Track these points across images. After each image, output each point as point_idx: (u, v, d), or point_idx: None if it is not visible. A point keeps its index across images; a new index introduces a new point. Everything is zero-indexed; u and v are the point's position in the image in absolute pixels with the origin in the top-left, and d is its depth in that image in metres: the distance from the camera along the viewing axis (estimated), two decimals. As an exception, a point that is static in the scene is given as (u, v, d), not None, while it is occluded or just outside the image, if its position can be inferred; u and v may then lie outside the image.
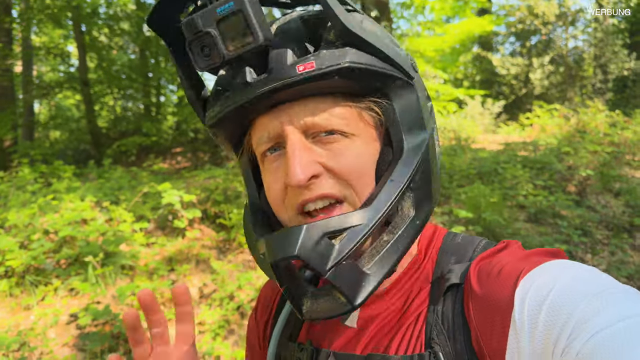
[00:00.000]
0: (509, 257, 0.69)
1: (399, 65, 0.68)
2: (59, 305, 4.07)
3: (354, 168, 0.68)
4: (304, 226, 0.64)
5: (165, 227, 5.38)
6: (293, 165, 0.67)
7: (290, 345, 0.85)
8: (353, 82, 0.67)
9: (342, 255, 0.64)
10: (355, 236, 0.64)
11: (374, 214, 0.65)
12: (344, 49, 0.65)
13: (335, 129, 0.68)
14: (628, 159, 8.67)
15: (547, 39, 18.01)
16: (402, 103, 0.70)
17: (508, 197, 6.75)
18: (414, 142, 0.69)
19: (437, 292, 0.73)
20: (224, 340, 3.86)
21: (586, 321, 0.54)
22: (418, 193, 0.69)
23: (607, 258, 5.38)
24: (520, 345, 0.59)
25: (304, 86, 0.65)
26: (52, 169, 7.98)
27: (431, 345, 0.68)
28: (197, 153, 11.52)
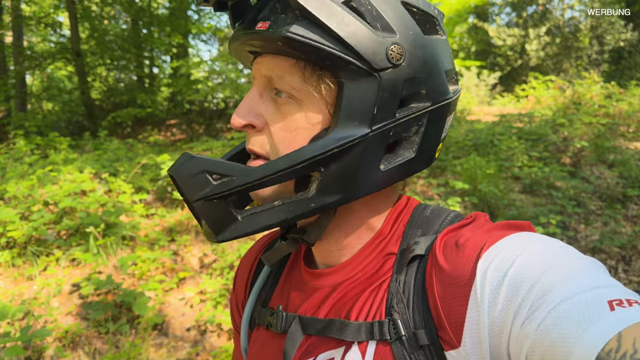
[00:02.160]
0: (474, 230, 0.70)
1: (356, 50, 0.64)
2: (61, 275, 4.12)
3: (286, 134, 0.71)
4: (193, 156, 0.70)
5: (164, 199, 5.41)
6: (238, 107, 0.74)
7: (262, 310, 0.89)
8: (302, 54, 0.67)
9: (212, 194, 0.68)
10: (230, 184, 0.67)
11: (253, 175, 0.67)
12: (296, 19, 0.65)
13: (285, 90, 0.70)
14: (622, 131, 8.73)
15: (544, 9, 17.86)
16: (352, 90, 0.66)
17: (503, 169, 6.80)
18: (342, 133, 0.66)
19: (401, 262, 0.74)
20: (225, 308, 3.93)
21: (546, 293, 0.55)
22: (327, 180, 0.68)
23: (600, 228, 5.47)
24: (480, 316, 0.60)
25: (265, 43, 0.69)
26: (47, 141, 7.94)
27: (391, 313, 0.70)
28: (192, 125, 11.46)
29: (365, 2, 0.67)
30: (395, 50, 0.66)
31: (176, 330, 3.76)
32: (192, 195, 0.69)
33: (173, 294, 4.10)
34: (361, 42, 0.65)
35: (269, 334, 0.86)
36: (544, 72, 15.96)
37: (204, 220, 0.71)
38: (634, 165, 6.88)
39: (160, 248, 4.55)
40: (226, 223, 0.70)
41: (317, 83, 0.69)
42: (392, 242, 0.78)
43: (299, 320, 0.80)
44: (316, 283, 0.83)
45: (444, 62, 0.74)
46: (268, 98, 0.74)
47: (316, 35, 0.64)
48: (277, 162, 0.67)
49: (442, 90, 0.73)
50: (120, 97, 12.06)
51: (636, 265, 4.79)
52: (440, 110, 0.73)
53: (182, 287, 4.17)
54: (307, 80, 0.69)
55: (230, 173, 0.68)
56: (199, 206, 0.69)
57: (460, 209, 5.36)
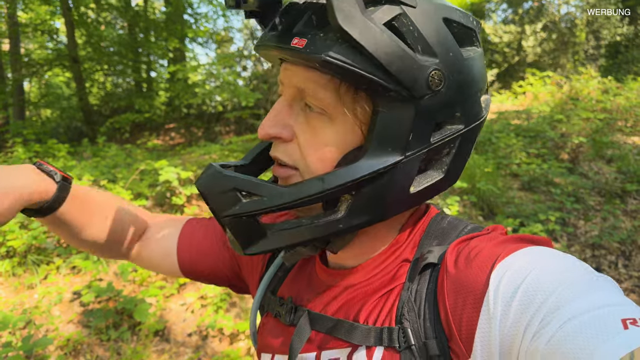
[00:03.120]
0: (488, 242, 0.69)
1: (396, 77, 0.62)
2: (62, 283, 4.12)
3: (316, 148, 0.70)
4: (223, 173, 0.69)
5: (163, 204, 5.41)
6: (266, 117, 0.72)
7: (272, 298, 0.89)
8: (338, 76, 0.65)
9: (241, 212, 0.67)
10: (260, 205, 0.67)
11: (285, 197, 0.66)
12: (335, 40, 0.62)
13: (318, 105, 0.68)
14: (620, 126, 8.73)
15: (540, 5, 17.86)
16: (388, 115, 0.64)
17: (502, 166, 6.80)
18: (376, 159, 0.65)
19: (413, 270, 0.74)
20: (226, 313, 3.94)
21: (559, 308, 0.54)
22: (358, 202, 0.67)
23: (600, 224, 5.47)
24: (491, 328, 0.59)
25: (295, 58, 0.67)
26: (46, 148, 7.93)
27: (401, 321, 0.69)
28: (190, 129, 11.48)
29: (407, 22, 0.64)
30: (435, 77, 0.64)
31: (177, 336, 3.77)
32: (222, 211, 0.68)
33: (174, 299, 4.10)
34: (402, 68, 0.62)
35: (277, 323, 0.87)
36: (541, 68, 15.95)
37: (232, 235, 0.71)
38: (632, 160, 6.89)
39: (160, 254, 4.55)
40: (254, 238, 0.70)
41: (352, 103, 0.67)
42: (408, 249, 0.78)
43: (308, 315, 0.80)
44: (330, 281, 0.83)
45: (479, 82, 0.72)
46: (298, 109, 0.72)
47: (357, 60, 0.62)
48: (309, 185, 0.66)
49: (476, 111, 0.72)
50: (118, 103, 12.08)
51: (636, 260, 4.79)
52: (473, 130, 0.72)
53: (183, 293, 4.18)
54: (342, 98, 0.67)
55: (261, 193, 0.67)
56: (228, 222, 0.69)
57: (459, 208, 5.37)
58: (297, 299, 0.86)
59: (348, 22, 0.60)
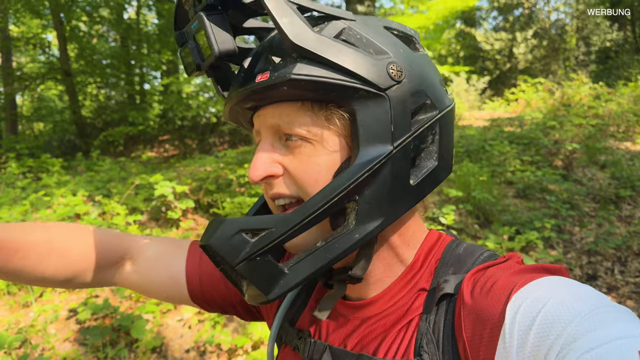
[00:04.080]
0: (504, 271, 0.69)
1: (360, 76, 0.66)
2: (58, 301, 4.09)
3: (309, 175, 0.71)
4: (225, 219, 0.69)
5: (159, 219, 5.39)
6: (252, 163, 0.74)
7: (290, 330, 0.89)
8: (309, 92, 0.69)
9: (253, 251, 0.67)
10: (270, 237, 0.67)
11: (293, 220, 0.67)
12: (294, 61, 0.67)
13: (294, 134, 0.71)
14: (612, 131, 8.79)
15: (530, 12, 18.01)
16: (365, 114, 0.68)
17: (496, 174, 6.83)
18: (367, 156, 0.67)
19: (430, 301, 0.74)
20: (224, 328, 3.92)
21: (576, 339, 0.54)
22: (365, 207, 0.69)
23: (595, 230, 5.49)
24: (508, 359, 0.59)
25: (269, 93, 0.70)
26: (39, 163, 7.91)
27: (420, 353, 0.69)
28: (184, 140, 11.46)
29: (353, 33, 0.70)
30: (394, 68, 0.69)
31: (175, 352, 3.74)
32: (234, 258, 0.67)
33: (171, 315, 4.07)
34: (363, 67, 0.67)
35: (295, 356, 0.86)
36: (532, 74, 16.07)
37: (250, 282, 0.69)
38: (625, 165, 6.93)
39: (156, 269, 4.53)
40: (274, 279, 0.69)
41: (328, 118, 0.70)
42: (424, 278, 0.78)
43: (330, 351, 0.80)
44: (348, 313, 0.83)
45: (437, 74, 0.78)
46: (279, 145, 0.75)
47: (320, 71, 0.66)
48: (311, 202, 0.68)
49: (444, 98, 0.77)
50: (111, 115, 12.04)
51: (632, 266, 4.81)
52: (447, 116, 0.77)
53: (180, 308, 4.15)
54: (317, 118, 0.70)
55: (267, 225, 0.68)
56: (243, 268, 0.68)
57: (455, 217, 5.38)
58: (316, 332, 0.85)
59: (302, 39, 0.66)
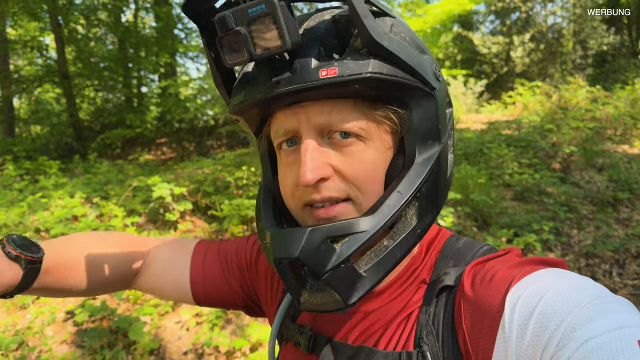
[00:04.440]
0: (503, 264, 0.70)
1: (421, 75, 0.68)
2: (55, 303, 4.07)
3: (364, 173, 0.70)
4: (308, 229, 0.66)
5: (157, 221, 5.37)
6: (304, 166, 0.68)
7: (291, 326, 0.89)
8: (375, 90, 0.68)
9: (341, 260, 0.65)
10: (356, 242, 0.66)
11: (377, 223, 0.67)
12: (368, 58, 0.65)
13: (350, 131, 0.69)
14: (610, 134, 8.82)
15: (527, 16, 18.07)
16: (420, 113, 0.70)
17: (494, 177, 6.84)
18: (426, 154, 0.70)
19: (430, 293, 0.74)
20: (222, 330, 3.90)
21: (575, 329, 0.55)
22: (423, 203, 0.71)
23: (593, 233, 5.50)
24: (507, 351, 0.60)
25: (325, 90, 0.67)
26: (36, 165, 7.89)
27: (420, 345, 0.70)
28: (182, 143, 11.45)
29: (399, 30, 0.71)
30: (436, 68, 0.72)
31: (173, 355, 3.73)
32: (321, 268, 0.66)
33: (169, 317, 4.06)
34: (419, 66, 0.68)
35: (296, 352, 0.86)
36: (529, 78, 16.12)
37: (333, 289, 0.67)
38: (622, 168, 6.95)
39: (154, 271, 4.52)
40: (354, 284, 0.68)
41: (382, 116, 0.71)
42: (425, 271, 0.79)
43: (330, 344, 0.80)
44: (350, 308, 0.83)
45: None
46: (326, 145, 0.71)
47: (391, 69, 0.66)
48: (389, 202, 0.68)
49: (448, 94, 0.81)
50: (109, 118, 12.03)
51: (630, 269, 4.81)
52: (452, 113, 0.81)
53: (178, 311, 4.14)
54: (371, 115, 0.70)
55: (351, 230, 0.67)
56: (329, 277, 0.66)
57: (454, 219, 5.38)
58: (317, 327, 0.85)
59: (380, 37, 0.64)
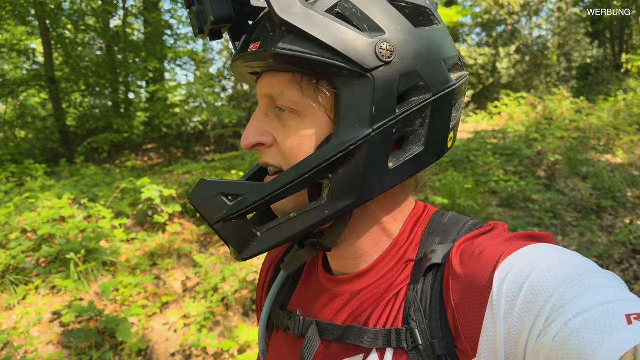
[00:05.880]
0: (491, 240, 0.70)
1: (344, 55, 0.65)
2: (41, 303, 4.04)
3: (293, 147, 0.72)
4: (208, 181, 0.73)
5: (144, 223, 5.35)
6: (245, 130, 0.77)
7: (281, 313, 0.90)
8: (295, 67, 0.69)
9: (229, 214, 0.70)
10: (245, 203, 0.70)
11: (266, 191, 0.70)
12: (282, 34, 0.67)
13: (285, 105, 0.72)
14: (594, 144, 8.96)
15: (513, 28, 18.34)
16: (348, 94, 0.67)
17: (480, 184, 6.91)
18: (346, 137, 0.67)
19: (418, 271, 0.74)
20: (210, 332, 3.89)
21: (564, 305, 0.55)
22: (337, 185, 0.69)
23: (577, 239, 5.58)
24: (496, 326, 0.60)
25: (259, 63, 0.72)
26: (22, 169, 7.82)
27: (408, 322, 0.70)
28: (169, 149, 11.41)
29: (349, 7, 0.68)
30: (385, 48, 0.67)
31: (160, 356, 3.71)
32: (212, 217, 0.72)
33: (156, 319, 4.04)
34: (348, 45, 0.66)
35: (287, 337, 0.87)
36: (515, 89, 16.32)
37: (226, 241, 0.74)
38: (606, 177, 7.06)
39: (142, 273, 4.50)
40: (247, 241, 0.73)
41: (315, 93, 0.70)
42: (411, 249, 0.78)
43: (317, 326, 0.81)
44: (336, 289, 0.83)
45: (442, 52, 0.73)
46: (273, 115, 0.76)
47: (304, 47, 0.66)
48: (285, 175, 0.70)
49: (443, 79, 0.72)
50: (96, 123, 11.95)
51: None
52: (444, 99, 0.73)
53: (166, 312, 4.12)
54: (305, 92, 0.70)
55: (243, 192, 0.71)
56: (219, 227, 0.72)
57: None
58: (306, 312, 0.86)
59: (287, 13, 0.65)
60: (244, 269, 4.47)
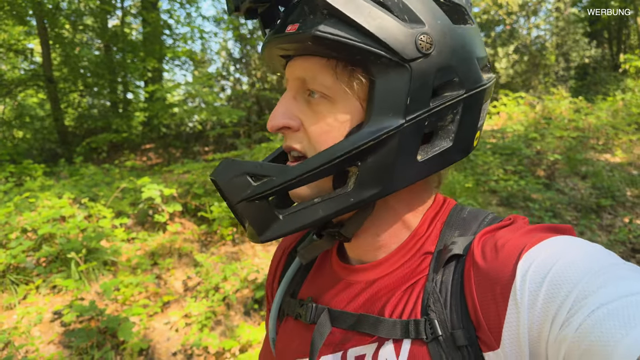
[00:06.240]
0: (513, 232, 0.69)
1: (386, 43, 0.65)
2: (42, 303, 4.03)
3: (321, 132, 0.72)
4: (233, 160, 0.72)
5: (145, 222, 5.35)
6: (272, 112, 0.75)
7: (292, 302, 0.89)
8: (333, 52, 0.68)
9: (253, 195, 0.69)
10: (271, 184, 0.69)
11: (293, 174, 0.69)
12: (324, 18, 0.66)
13: (317, 90, 0.72)
14: (593, 143, 8.97)
15: (511, 28, 18.35)
16: (384, 83, 0.67)
17: (480, 183, 6.91)
18: (377, 126, 0.67)
19: (438, 262, 0.73)
20: (211, 331, 3.89)
21: (587, 296, 0.54)
22: (364, 173, 0.69)
23: (577, 238, 5.58)
24: (519, 317, 0.60)
25: (295, 45, 0.71)
26: (21, 169, 7.81)
27: (427, 313, 0.69)
28: (168, 149, 11.39)
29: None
30: (424, 40, 0.67)
31: (162, 356, 3.70)
32: (234, 197, 0.71)
33: (158, 318, 4.03)
34: (390, 34, 0.65)
35: (298, 324, 0.86)
36: (513, 89, 16.33)
37: (248, 221, 0.72)
38: (605, 176, 7.08)
39: (142, 272, 4.49)
40: (268, 223, 0.71)
41: (349, 80, 0.70)
42: (429, 241, 0.78)
43: (328, 312, 0.80)
44: (351, 278, 0.83)
45: (475, 50, 0.74)
46: (302, 99, 0.75)
47: (345, 32, 0.65)
48: (313, 159, 0.69)
49: (476, 77, 0.73)
50: (94, 123, 11.93)
51: (613, 273, 4.89)
52: (475, 97, 0.73)
53: (167, 311, 4.12)
54: (339, 77, 0.70)
55: (269, 173, 0.70)
56: (242, 207, 0.71)
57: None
58: (318, 299, 0.85)
59: None
60: (245, 268, 4.46)
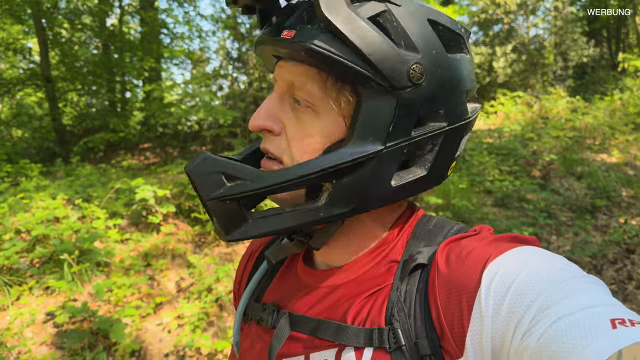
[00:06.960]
0: (478, 241, 0.70)
1: (378, 68, 0.64)
2: (35, 304, 4.03)
3: (302, 143, 0.72)
4: (211, 156, 0.71)
5: (139, 223, 5.35)
6: (257, 110, 0.75)
7: (255, 306, 0.89)
8: (325, 66, 0.68)
9: (225, 195, 0.69)
10: (244, 187, 0.69)
11: (267, 182, 0.69)
12: (321, 31, 0.66)
13: (304, 98, 0.71)
14: (589, 143, 8.98)
15: (509, 27, 18.34)
16: (370, 106, 0.67)
17: (475, 183, 6.92)
18: (356, 148, 0.67)
19: (403, 271, 0.74)
20: (204, 332, 3.89)
21: (549, 307, 0.55)
22: (338, 191, 0.69)
23: (572, 239, 5.59)
24: (483, 326, 0.60)
25: (291, 50, 0.70)
26: (17, 168, 7.81)
27: (391, 322, 0.69)
28: (165, 148, 11.39)
29: (391, 19, 0.67)
30: (417, 70, 0.66)
31: (154, 357, 3.71)
32: (206, 194, 0.70)
33: (150, 319, 4.04)
34: (383, 59, 0.65)
35: (260, 328, 0.87)
36: (511, 88, 16.34)
37: (216, 219, 0.72)
38: (601, 177, 7.09)
39: (135, 273, 4.50)
40: (236, 224, 0.71)
41: (337, 96, 0.70)
42: (396, 250, 0.78)
43: (288, 317, 0.80)
44: (314, 283, 0.83)
45: (465, 83, 0.74)
46: (287, 103, 0.75)
47: (339, 50, 0.65)
48: (290, 170, 0.69)
49: (460, 110, 0.74)
50: (92, 123, 11.92)
51: (607, 274, 4.90)
52: (457, 130, 0.74)
53: (159, 312, 4.12)
54: (327, 91, 0.70)
55: (245, 177, 0.69)
56: (212, 205, 0.70)
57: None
58: (281, 304, 0.86)
59: (333, 12, 0.64)
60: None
